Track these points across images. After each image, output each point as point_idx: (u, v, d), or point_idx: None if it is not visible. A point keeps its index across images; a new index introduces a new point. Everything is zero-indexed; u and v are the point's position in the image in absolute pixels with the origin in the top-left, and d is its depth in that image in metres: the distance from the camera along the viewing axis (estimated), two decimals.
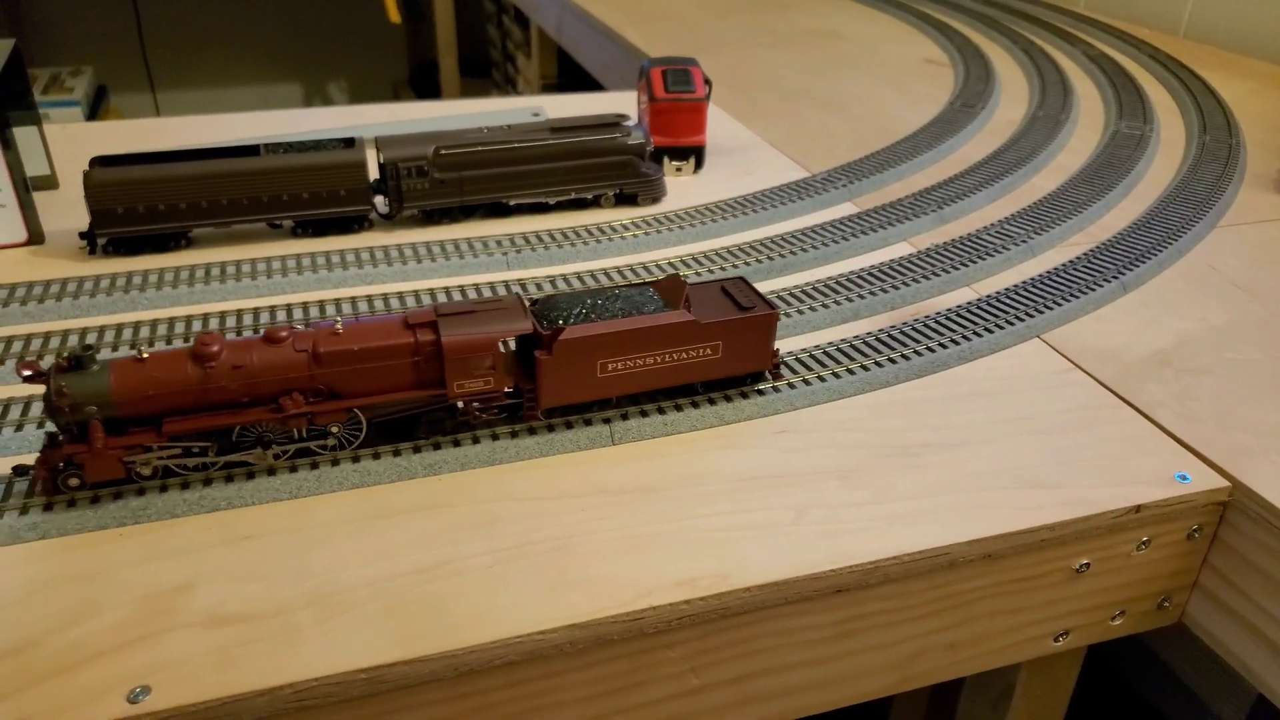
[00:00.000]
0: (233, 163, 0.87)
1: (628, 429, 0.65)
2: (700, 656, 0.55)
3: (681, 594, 0.53)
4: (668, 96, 1.06)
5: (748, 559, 0.55)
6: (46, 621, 0.50)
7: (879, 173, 1.09)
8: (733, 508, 0.59)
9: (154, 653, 0.48)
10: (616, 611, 0.52)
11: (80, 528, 0.56)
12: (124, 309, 0.79)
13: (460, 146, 0.92)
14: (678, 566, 0.54)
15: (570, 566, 0.54)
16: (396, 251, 0.88)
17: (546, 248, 0.90)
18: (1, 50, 0.90)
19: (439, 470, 0.62)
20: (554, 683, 0.53)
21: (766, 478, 0.62)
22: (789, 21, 1.80)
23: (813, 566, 0.55)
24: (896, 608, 0.58)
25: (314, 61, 3.72)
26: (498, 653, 0.50)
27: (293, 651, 0.49)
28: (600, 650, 0.53)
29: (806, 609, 0.56)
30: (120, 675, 0.47)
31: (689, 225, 0.96)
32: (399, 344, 0.59)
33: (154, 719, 0.46)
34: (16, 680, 0.47)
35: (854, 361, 0.73)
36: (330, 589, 0.52)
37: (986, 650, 0.62)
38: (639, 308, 0.64)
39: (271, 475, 0.59)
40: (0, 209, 0.87)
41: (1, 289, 0.80)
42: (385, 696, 0.50)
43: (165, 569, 0.54)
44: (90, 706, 0.46)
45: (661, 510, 0.59)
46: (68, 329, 0.75)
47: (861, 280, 0.85)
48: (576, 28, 1.94)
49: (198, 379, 0.56)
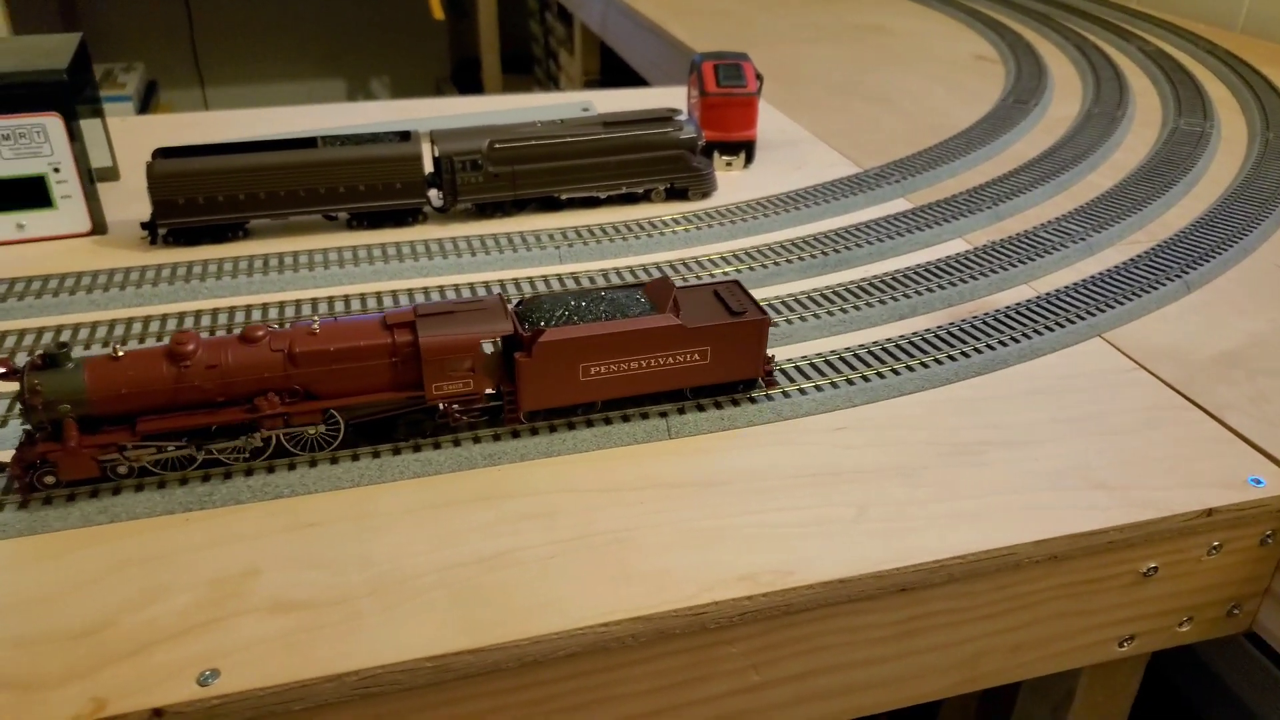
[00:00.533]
0: (290, 155, 0.87)
1: (684, 423, 0.65)
2: (761, 653, 0.55)
3: (744, 589, 0.52)
4: (719, 91, 1.06)
5: (810, 555, 0.55)
6: (119, 603, 0.51)
7: (932, 169, 1.07)
8: (793, 504, 0.59)
9: (222, 637, 0.49)
10: (679, 606, 0.51)
11: (148, 512, 0.57)
12: (185, 298, 0.80)
13: (514, 140, 0.92)
14: (740, 561, 0.54)
15: (631, 559, 0.54)
16: (451, 244, 0.88)
17: (599, 241, 0.90)
18: (69, 44, 0.91)
19: (498, 461, 0.62)
20: (615, 675, 0.53)
21: (826, 474, 0.61)
22: (835, 17, 1.78)
23: (876, 564, 0.54)
24: (960, 608, 0.57)
25: (357, 58, 3.76)
26: (560, 644, 0.50)
27: (358, 638, 0.49)
28: (662, 644, 0.52)
29: (869, 607, 0.55)
30: (190, 658, 0.48)
31: (740, 220, 0.95)
32: (376, 344, 0.58)
33: (223, 702, 0.46)
34: (91, 660, 0.47)
35: (912, 359, 0.72)
36: (393, 577, 0.53)
37: (1051, 653, 0.61)
38: (624, 310, 0.62)
39: (334, 464, 0.60)
40: (66, 200, 0.89)
41: (68, 277, 0.81)
42: (449, 685, 0.50)
43: (231, 554, 0.54)
44: (161, 687, 0.46)
45: (721, 505, 0.58)
46: (131, 317, 0.76)
47: (917, 277, 0.84)
48: (621, 23, 1.94)
49: (172, 378, 0.55)
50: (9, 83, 0.84)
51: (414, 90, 3.81)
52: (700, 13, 1.77)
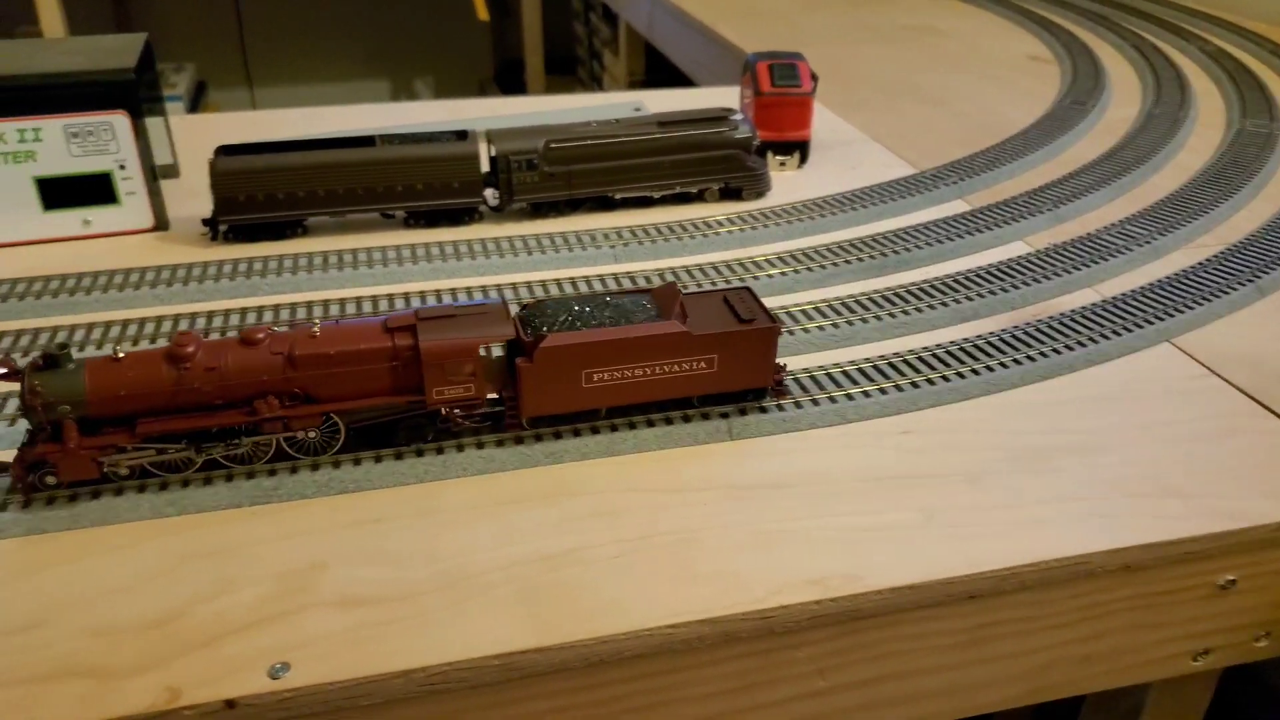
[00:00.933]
0: (350, 153, 0.88)
1: (746, 425, 0.64)
2: (828, 658, 0.54)
3: (812, 594, 0.52)
4: (774, 91, 1.05)
5: (878, 560, 0.54)
6: (189, 594, 0.51)
7: (990, 170, 1.06)
8: (860, 508, 0.58)
9: (291, 630, 0.49)
10: (747, 609, 0.51)
11: (214, 505, 0.57)
12: (246, 294, 0.81)
13: (570, 140, 0.92)
14: (807, 565, 0.53)
15: (696, 560, 0.54)
16: (507, 243, 0.88)
17: (654, 241, 0.90)
18: (135, 44, 0.93)
19: (561, 459, 0.61)
20: (681, 678, 0.52)
21: (892, 478, 0.61)
22: (885, 17, 1.77)
23: (946, 571, 0.53)
24: (1031, 616, 0.56)
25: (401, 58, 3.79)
26: (628, 645, 0.50)
27: (425, 635, 0.49)
28: (729, 647, 0.52)
29: (939, 614, 0.54)
30: (260, 650, 0.48)
31: (795, 220, 0.94)
32: (376, 348, 0.57)
33: (294, 695, 0.46)
34: (164, 649, 0.48)
35: (977, 362, 0.71)
36: (459, 573, 0.53)
37: (1122, 665, 0.60)
38: (629, 316, 0.61)
39: (399, 459, 0.60)
40: (131, 196, 0.90)
41: (133, 272, 0.82)
42: (515, 684, 0.50)
43: (298, 548, 0.54)
44: (233, 679, 0.46)
45: (787, 507, 0.58)
46: (195, 312, 0.77)
47: (979, 279, 0.83)
48: (668, 24, 1.94)
49: (171, 380, 0.55)
50: (80, 81, 0.86)
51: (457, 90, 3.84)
52: (749, 13, 1.76)
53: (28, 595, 0.51)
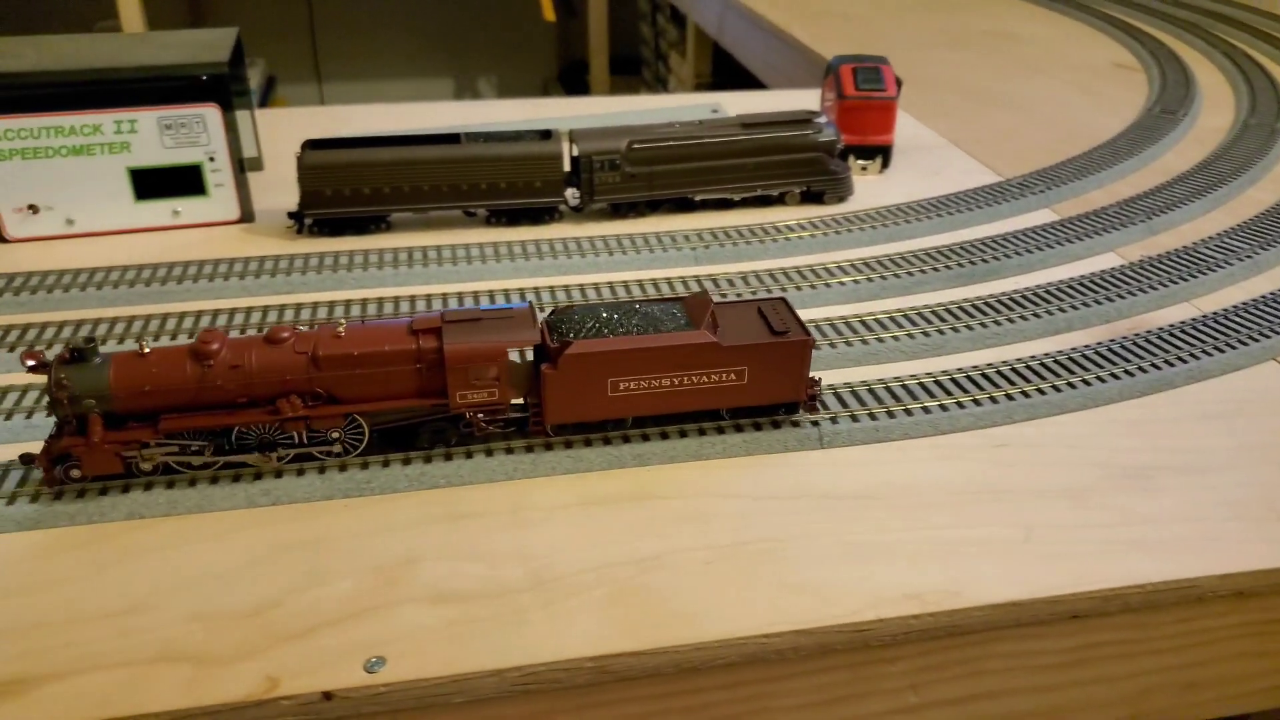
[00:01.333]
0: (435, 150, 0.89)
1: (837, 432, 0.63)
2: (922, 673, 0.53)
3: (910, 608, 0.50)
4: (858, 94, 1.04)
5: (977, 576, 0.52)
6: (285, 584, 0.51)
7: (1077, 179, 1.03)
8: (955, 521, 0.57)
9: (385, 624, 0.49)
10: (843, 620, 0.50)
11: (308, 496, 0.58)
12: (331, 288, 0.82)
13: (653, 141, 0.92)
14: (904, 579, 0.52)
15: (789, 570, 0.53)
16: (588, 243, 0.88)
17: (735, 244, 0.89)
18: (227, 38, 0.94)
19: (647, 461, 0.61)
20: (772, 688, 0.51)
21: (989, 492, 0.59)
22: (963, 22, 1.74)
23: (1048, 589, 0.52)
24: (1133, 639, 0.54)
25: (466, 57, 3.82)
26: (721, 652, 0.49)
27: (519, 634, 0.49)
28: (822, 659, 0.51)
29: (1038, 633, 0.53)
30: (355, 643, 0.48)
31: (879, 225, 0.93)
32: (400, 350, 0.56)
33: (389, 690, 0.46)
34: (262, 638, 0.48)
35: (1073, 375, 0.69)
36: (550, 573, 0.52)
37: (1226, 695, 0.58)
38: (658, 325, 0.60)
39: (488, 456, 0.60)
40: (219, 188, 0.92)
41: (221, 263, 0.84)
42: (607, 687, 0.49)
43: (390, 542, 0.55)
44: (330, 671, 0.47)
45: (881, 519, 0.57)
46: (282, 304, 0.78)
47: (1070, 290, 0.81)
48: (739, 26, 1.93)
49: (195, 377, 0.55)
50: (174, 75, 0.87)
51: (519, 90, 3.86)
52: (823, 16, 1.74)
53: (129, 579, 0.52)
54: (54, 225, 0.90)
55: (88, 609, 0.50)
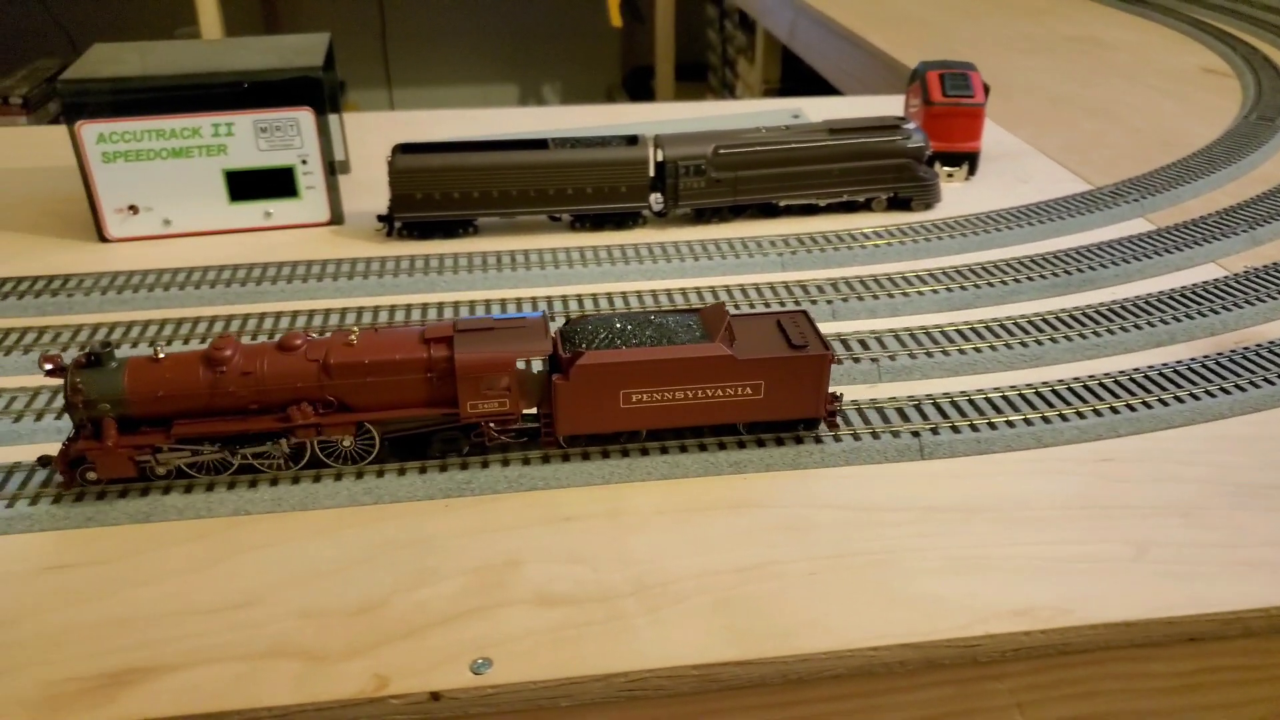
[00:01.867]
0: (524, 155, 0.89)
1: (938, 444, 0.62)
2: (1029, 692, 0.52)
3: (1020, 624, 0.49)
4: (945, 100, 1.02)
5: (1089, 594, 0.51)
6: (391, 583, 0.52)
7: (1172, 188, 1.01)
8: (1062, 537, 0.55)
9: (491, 625, 0.49)
10: (951, 635, 0.49)
11: (410, 496, 0.58)
12: (422, 290, 0.83)
13: (740, 146, 0.91)
14: (1013, 594, 0.51)
15: (894, 582, 0.52)
16: (673, 248, 0.88)
17: (822, 250, 0.88)
18: (320, 43, 0.96)
19: (744, 469, 0.61)
20: (878, 702, 0.51)
21: (1095, 507, 0.58)
22: (1045, 27, 1.70)
23: (1165, 609, 0.50)
24: (1253, 665, 0.52)
25: (531, 63, 3.85)
26: (827, 664, 0.48)
27: (625, 639, 0.49)
28: (929, 674, 0.50)
29: (1153, 655, 0.51)
30: (462, 643, 0.48)
31: (968, 233, 0.91)
32: (411, 359, 0.56)
33: (497, 692, 0.46)
34: (370, 637, 0.49)
35: (1180, 389, 0.67)
36: (654, 579, 0.52)
37: None
38: (672, 337, 0.59)
39: (585, 459, 0.60)
40: (310, 190, 0.93)
41: (314, 264, 0.85)
42: (712, 696, 0.49)
43: (492, 543, 0.55)
44: (438, 671, 0.47)
45: (986, 533, 0.55)
46: (376, 305, 0.79)
47: (1171, 302, 0.79)
48: (812, 32, 1.91)
49: (208, 383, 0.55)
50: (272, 79, 0.89)
51: (583, 96, 3.88)
52: (900, 21, 1.72)
53: (238, 574, 0.53)
54: (152, 225, 0.93)
55: (199, 603, 0.51)
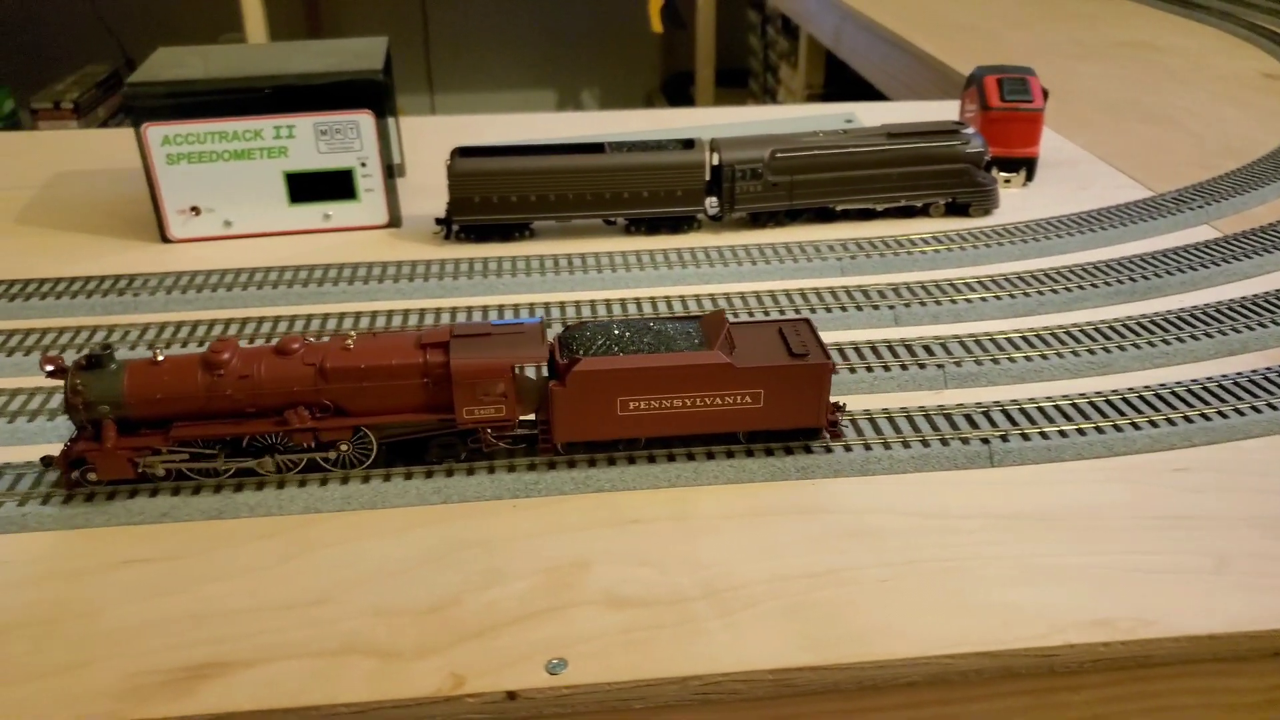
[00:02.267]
0: (581, 159, 0.89)
1: (1008, 451, 0.61)
2: (1106, 704, 0.51)
3: (1100, 635, 0.49)
4: (1003, 105, 1.01)
5: (1170, 606, 0.50)
6: (461, 582, 0.52)
7: (1238, 195, 0.99)
8: (1138, 547, 0.54)
9: (563, 626, 0.49)
10: (1028, 645, 0.48)
11: (478, 495, 0.59)
12: (480, 293, 0.83)
13: (797, 150, 0.91)
14: (1092, 605, 0.50)
15: (968, 590, 0.51)
16: (730, 252, 0.88)
17: (881, 255, 0.88)
18: (378, 47, 0.97)
19: (811, 474, 0.60)
20: (952, 710, 0.50)
21: (1171, 518, 0.57)
22: (1097, 32, 1.68)
23: (1249, 623, 0.49)
24: None
25: (571, 68, 3.87)
26: (902, 671, 0.48)
27: (698, 642, 0.48)
28: (1004, 682, 0.49)
29: (1235, 669, 0.50)
30: (535, 644, 0.48)
31: (1029, 239, 0.90)
32: (407, 364, 0.56)
33: (572, 692, 0.46)
34: (445, 635, 0.49)
35: (1257, 399, 0.65)
36: (724, 582, 0.52)
37: None
38: (670, 344, 0.58)
39: (651, 462, 0.60)
40: (369, 193, 0.94)
41: (374, 266, 0.86)
42: (785, 701, 0.48)
43: (561, 544, 0.55)
44: (513, 670, 0.47)
45: (1060, 541, 0.55)
46: (439, 307, 0.80)
47: (1242, 310, 0.77)
48: (859, 37, 1.90)
49: (205, 386, 0.55)
50: (332, 82, 0.90)
51: (622, 102, 3.89)
52: (948, 27, 1.71)
53: (311, 571, 0.53)
54: (213, 226, 0.94)
55: (272, 599, 0.52)
